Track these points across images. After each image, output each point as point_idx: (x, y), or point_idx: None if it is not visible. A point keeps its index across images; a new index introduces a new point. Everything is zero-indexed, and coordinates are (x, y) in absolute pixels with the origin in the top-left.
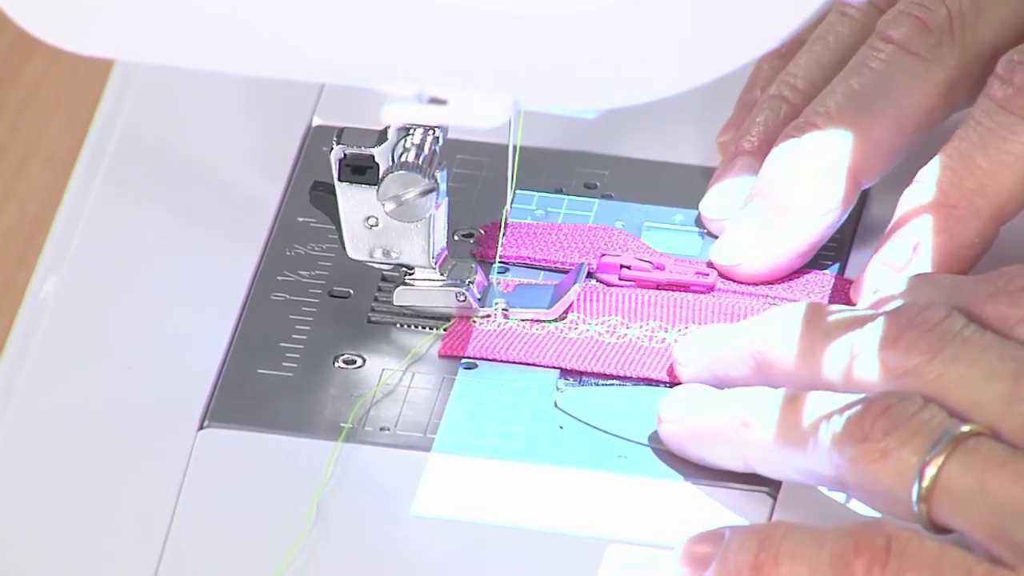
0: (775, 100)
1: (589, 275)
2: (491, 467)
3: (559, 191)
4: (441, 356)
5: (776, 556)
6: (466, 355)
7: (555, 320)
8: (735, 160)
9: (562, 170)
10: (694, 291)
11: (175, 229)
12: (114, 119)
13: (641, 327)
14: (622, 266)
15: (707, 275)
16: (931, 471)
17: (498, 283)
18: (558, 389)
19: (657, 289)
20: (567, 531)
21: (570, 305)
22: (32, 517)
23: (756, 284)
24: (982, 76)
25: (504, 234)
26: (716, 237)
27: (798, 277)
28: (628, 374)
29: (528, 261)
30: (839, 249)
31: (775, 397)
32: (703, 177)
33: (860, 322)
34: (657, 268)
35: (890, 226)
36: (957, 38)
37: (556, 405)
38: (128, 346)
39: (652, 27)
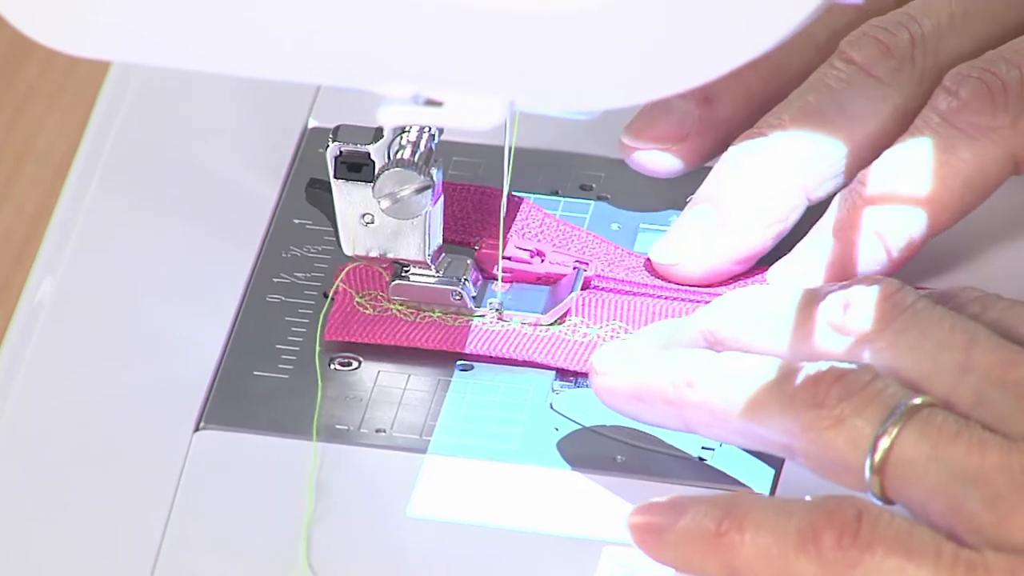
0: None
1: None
2: (487, 469)
3: (555, 193)
4: (327, 340)
5: (741, 524)
6: (389, 343)
7: (551, 324)
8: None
9: (558, 172)
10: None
11: (171, 230)
12: (111, 120)
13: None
14: (505, 257)
15: (586, 266)
16: (885, 443)
17: (492, 281)
18: (554, 391)
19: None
20: (563, 533)
21: (567, 311)
22: (28, 518)
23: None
24: None
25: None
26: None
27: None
28: None
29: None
30: None
31: (723, 359)
32: (699, 179)
33: (810, 296)
34: (537, 255)
35: (816, 226)
36: (918, 63)
37: (552, 407)
38: (124, 347)
39: (648, 28)
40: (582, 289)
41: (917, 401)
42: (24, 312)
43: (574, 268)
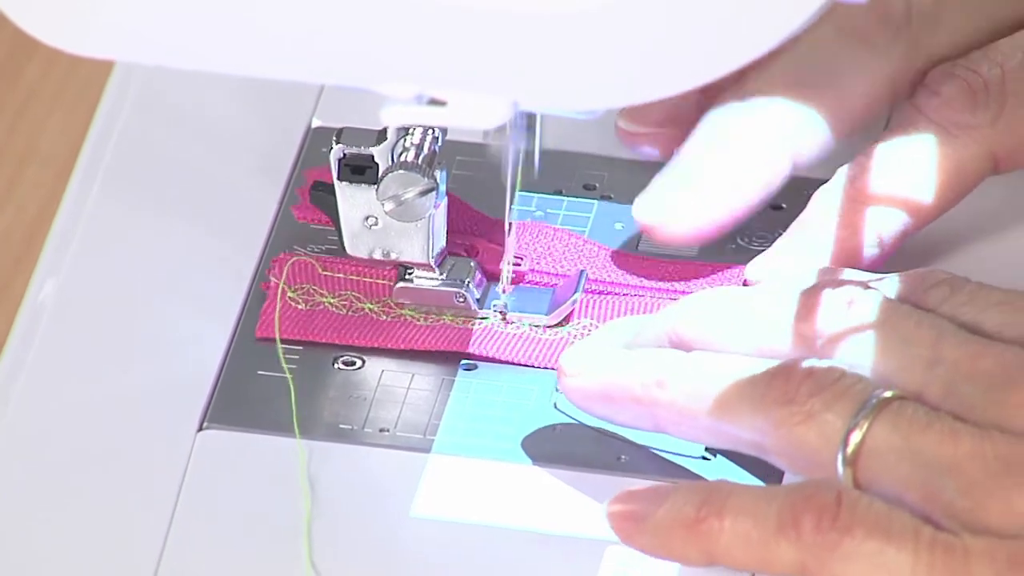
0: None
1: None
2: (490, 468)
3: (558, 192)
4: (258, 338)
5: (721, 510)
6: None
7: (555, 326)
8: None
9: (561, 171)
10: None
11: (174, 231)
12: (113, 121)
13: None
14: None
15: (519, 262)
16: (856, 436)
17: (496, 283)
18: (557, 391)
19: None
20: (566, 533)
21: (570, 312)
22: (31, 518)
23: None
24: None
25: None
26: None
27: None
28: None
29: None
30: None
31: (693, 358)
32: None
33: (774, 297)
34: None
35: (797, 220)
36: (913, 35)
37: (556, 406)
38: (127, 348)
39: (648, 28)
40: (585, 291)
41: (887, 394)
42: (26, 313)
43: (578, 270)
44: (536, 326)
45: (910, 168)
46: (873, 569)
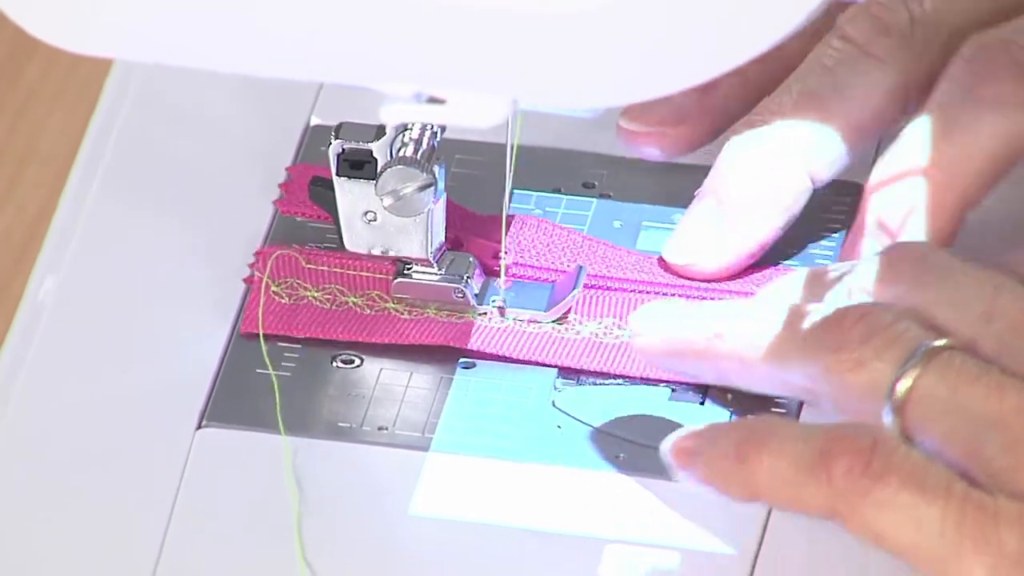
0: None
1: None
2: (489, 467)
3: (557, 190)
4: (243, 334)
5: (760, 447)
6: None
7: (553, 322)
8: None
9: (560, 169)
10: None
11: (173, 229)
12: (112, 119)
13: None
14: None
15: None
16: (905, 383)
17: (495, 278)
18: (556, 389)
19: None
20: (565, 531)
21: (569, 308)
22: (30, 517)
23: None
24: (934, 81)
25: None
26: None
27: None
28: (627, 373)
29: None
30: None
31: (750, 308)
32: (701, 177)
33: (843, 269)
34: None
35: (859, 217)
36: (917, 43)
37: (554, 405)
38: (126, 346)
39: (648, 27)
40: (584, 287)
41: (939, 343)
42: (26, 312)
43: (576, 266)
44: (535, 322)
45: (963, 150)
46: (902, 520)
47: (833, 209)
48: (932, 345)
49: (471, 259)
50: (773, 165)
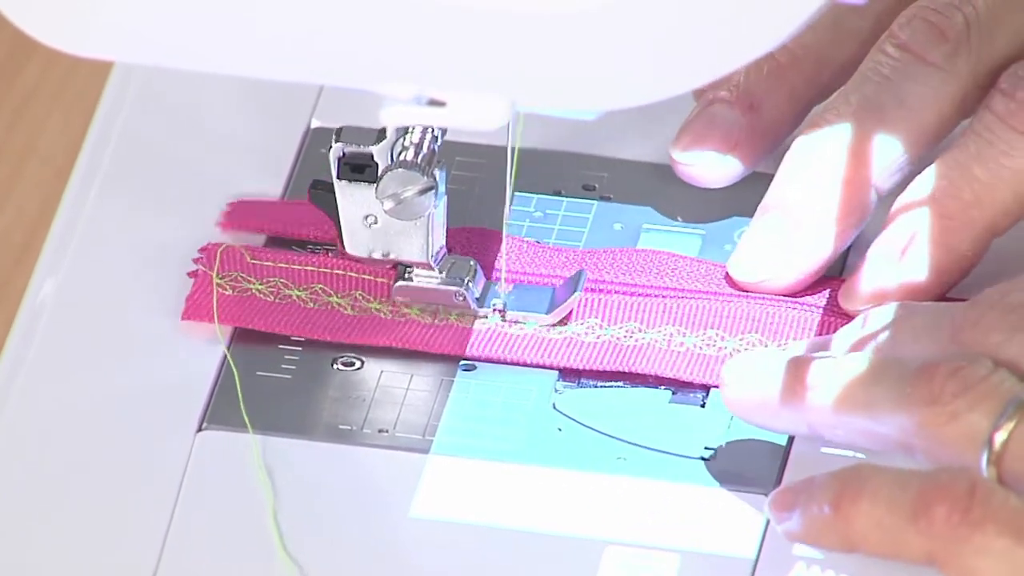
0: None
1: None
2: (490, 469)
3: (558, 193)
4: (184, 320)
5: (857, 494)
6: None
7: (554, 325)
8: (710, 107)
9: (561, 172)
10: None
11: (173, 230)
12: (113, 120)
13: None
14: None
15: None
16: (1001, 436)
17: (495, 282)
18: (556, 391)
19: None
20: (566, 533)
21: (570, 312)
22: (30, 519)
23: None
24: (992, 83)
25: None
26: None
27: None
28: (628, 372)
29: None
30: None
31: (841, 361)
32: None
33: (936, 311)
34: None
35: (881, 232)
36: (973, 47)
37: (555, 407)
38: (126, 348)
39: (648, 28)
40: (585, 290)
41: None
42: (26, 313)
43: (577, 269)
44: (539, 325)
45: (996, 174)
46: (1003, 566)
47: None
48: None
49: (471, 263)
50: (835, 175)
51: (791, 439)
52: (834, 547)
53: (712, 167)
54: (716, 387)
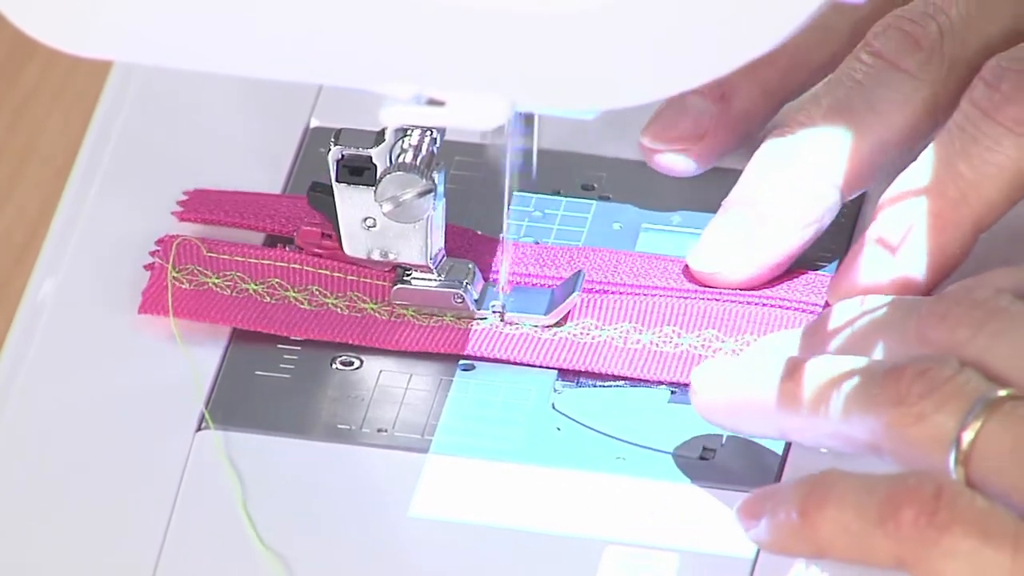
0: None
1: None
2: (489, 469)
3: (557, 193)
4: (140, 313)
5: (824, 500)
6: (275, 332)
7: (553, 326)
8: (681, 96)
9: (560, 171)
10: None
11: (173, 231)
12: (112, 120)
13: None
14: (323, 234)
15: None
16: (968, 436)
17: (494, 283)
18: (556, 391)
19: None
20: (565, 533)
21: (568, 312)
22: (29, 519)
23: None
24: (962, 93)
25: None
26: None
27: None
28: (626, 375)
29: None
30: (835, 250)
31: (809, 365)
32: (701, 179)
33: (901, 306)
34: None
35: (868, 231)
36: (947, 54)
37: (554, 407)
38: (125, 348)
39: (648, 28)
40: (584, 291)
41: (1001, 394)
42: (25, 312)
43: (574, 269)
44: (535, 326)
45: (982, 171)
46: (970, 568)
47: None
48: (994, 396)
49: (470, 265)
50: (804, 177)
51: None
52: (802, 553)
53: (678, 157)
54: None
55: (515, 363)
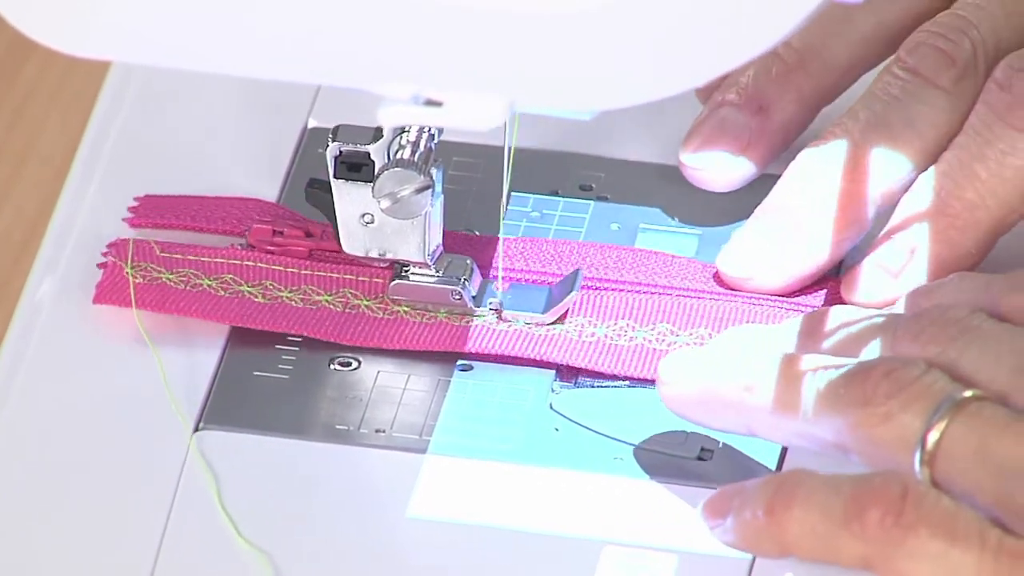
0: (767, 57)
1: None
2: (487, 469)
3: (555, 193)
4: (95, 303)
5: (790, 500)
6: (203, 318)
7: (551, 324)
8: (719, 110)
9: (558, 172)
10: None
11: (172, 229)
12: (110, 120)
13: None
14: (275, 231)
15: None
16: (934, 436)
17: (492, 280)
18: (553, 391)
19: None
20: (563, 533)
21: (567, 310)
22: (28, 519)
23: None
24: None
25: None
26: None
27: None
28: (624, 374)
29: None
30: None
31: (780, 363)
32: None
33: (879, 320)
34: (309, 235)
35: (885, 230)
36: (980, 69)
37: (552, 407)
38: (124, 348)
39: (649, 28)
40: (582, 288)
41: (967, 394)
42: (24, 312)
43: (572, 265)
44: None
45: (999, 173)
46: (937, 569)
47: None
48: (960, 396)
49: (468, 262)
50: (839, 187)
51: None
52: (768, 553)
53: (722, 170)
54: None
55: (511, 359)
